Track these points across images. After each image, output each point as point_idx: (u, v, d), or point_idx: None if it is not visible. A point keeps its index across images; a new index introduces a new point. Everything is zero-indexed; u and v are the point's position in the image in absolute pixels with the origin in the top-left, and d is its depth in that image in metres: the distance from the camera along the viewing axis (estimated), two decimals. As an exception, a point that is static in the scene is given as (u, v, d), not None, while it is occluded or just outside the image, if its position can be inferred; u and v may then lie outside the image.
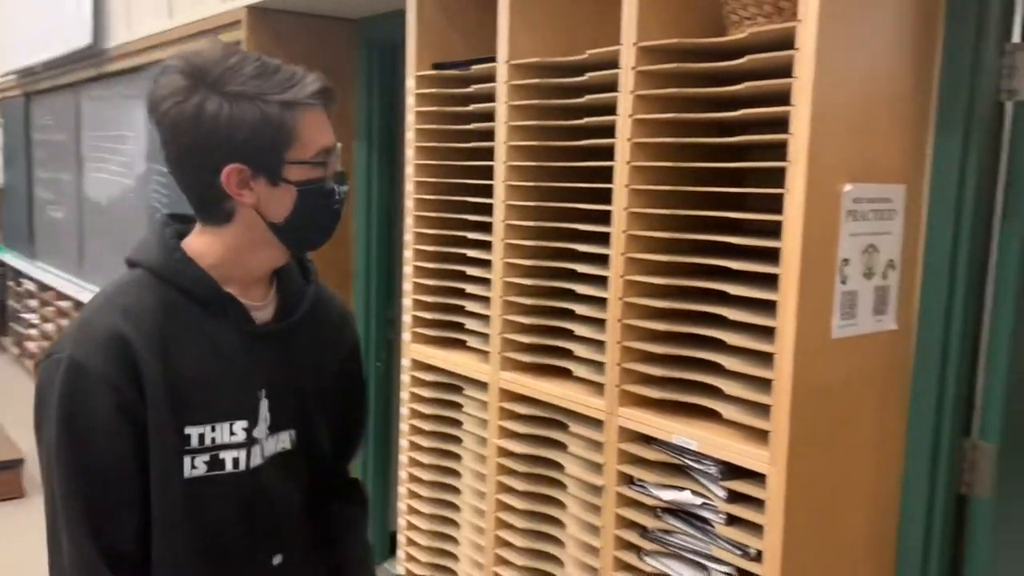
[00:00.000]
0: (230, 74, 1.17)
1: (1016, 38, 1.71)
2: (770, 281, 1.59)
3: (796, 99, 1.48)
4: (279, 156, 1.20)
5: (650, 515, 1.81)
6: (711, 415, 1.70)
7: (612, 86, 1.80)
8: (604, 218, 1.85)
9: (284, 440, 1.38)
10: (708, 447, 1.67)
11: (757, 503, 1.61)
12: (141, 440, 1.21)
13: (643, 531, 1.83)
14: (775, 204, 1.54)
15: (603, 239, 1.86)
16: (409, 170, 2.39)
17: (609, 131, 1.82)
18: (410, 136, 2.38)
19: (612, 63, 1.80)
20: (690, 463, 1.73)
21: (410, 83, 2.36)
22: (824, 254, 1.54)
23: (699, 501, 1.71)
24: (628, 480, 1.85)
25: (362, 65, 3.43)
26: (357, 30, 3.45)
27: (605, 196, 1.84)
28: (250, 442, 1.30)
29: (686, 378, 1.74)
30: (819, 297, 1.55)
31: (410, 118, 2.38)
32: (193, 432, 1.24)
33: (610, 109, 1.81)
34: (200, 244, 1.28)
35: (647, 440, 1.82)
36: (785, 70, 1.50)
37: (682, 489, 1.74)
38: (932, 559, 1.79)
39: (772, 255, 1.59)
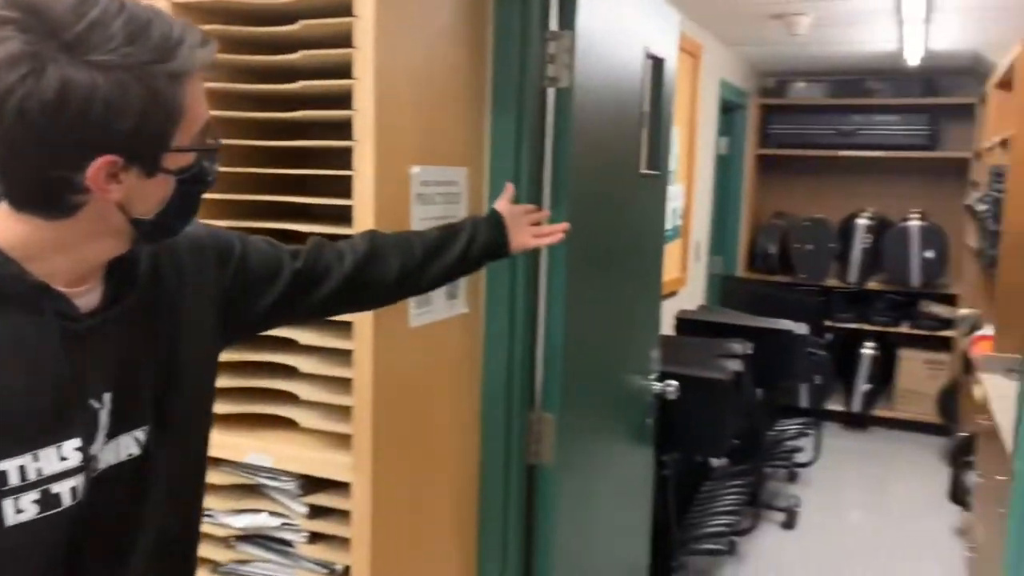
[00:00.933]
0: (96, 33, 0.82)
1: (554, 26, 1.79)
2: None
3: (359, 71, 1.36)
4: (164, 143, 0.90)
5: (222, 546, 1.57)
6: (288, 425, 1.53)
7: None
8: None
9: (129, 444, 0.99)
10: (286, 461, 1.49)
11: (341, 515, 1.48)
12: None
13: (215, 567, 1.59)
14: (340, 187, 1.40)
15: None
16: None
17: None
18: None
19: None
20: (265, 482, 1.53)
21: None
22: (396, 240, 1.45)
23: (278, 522, 1.52)
24: (193, 510, 1.59)
25: None
26: None
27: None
28: (87, 463, 0.94)
29: (255, 386, 1.54)
30: (394, 286, 1.45)
31: None
32: (10, 467, 0.89)
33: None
34: (2, 230, 0.90)
35: (211, 462, 1.58)
36: (345, 39, 1.37)
37: (258, 512, 1.54)
38: (511, 529, 1.83)
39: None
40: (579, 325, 1.91)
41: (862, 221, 5.24)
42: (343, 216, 1.45)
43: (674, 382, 2.45)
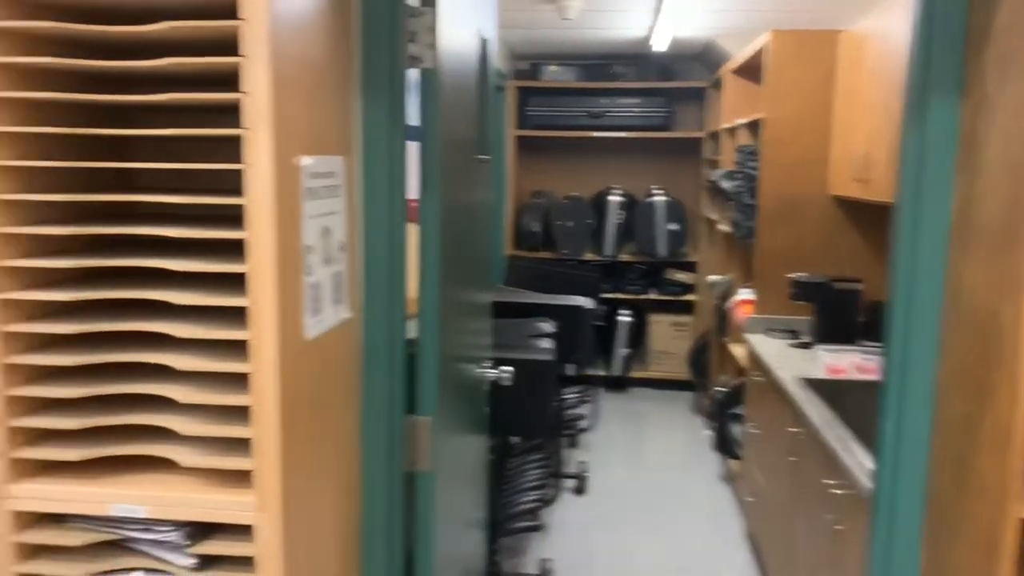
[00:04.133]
0: None
1: (414, 2, 1.67)
2: (216, 281, 1.25)
3: (248, 48, 1.15)
4: None
5: (78, 620, 1.30)
6: (161, 464, 1.29)
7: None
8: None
9: None
10: (164, 509, 1.26)
11: (241, 562, 1.28)
12: None
13: (72, 645, 1.31)
14: (176, 182, 1.20)
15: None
16: None
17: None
18: None
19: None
20: (135, 535, 1.28)
21: None
22: (291, 242, 1.27)
23: (156, 581, 1.28)
24: (34, 582, 1.30)
25: None
26: None
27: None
28: None
29: (118, 424, 1.28)
30: (291, 295, 1.27)
31: None
32: None
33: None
34: None
35: (59, 520, 1.30)
36: (222, 10, 1.16)
37: (128, 572, 1.29)
38: (394, 542, 1.71)
39: (215, 248, 1.25)
40: (448, 319, 1.82)
41: (614, 198, 5.59)
42: (221, 218, 1.24)
43: (509, 368, 2.43)
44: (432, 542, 1.78)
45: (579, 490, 4.05)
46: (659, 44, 4.77)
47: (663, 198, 5.52)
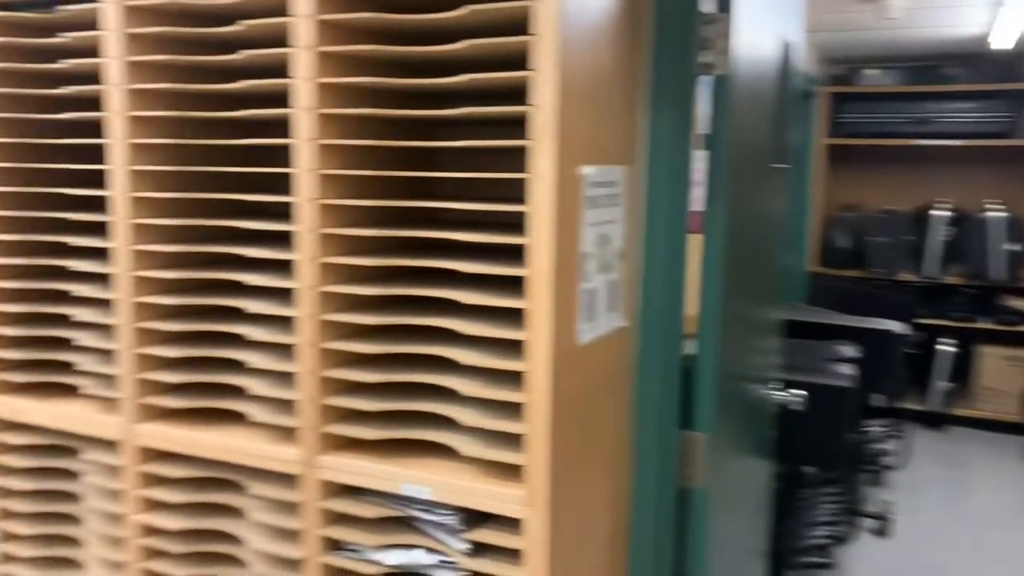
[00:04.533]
0: None
1: (710, 8, 1.63)
2: (497, 284, 1.32)
3: (538, 63, 1.21)
4: None
5: (369, 585, 1.44)
6: (444, 452, 1.39)
7: (280, 39, 1.37)
8: (285, 212, 1.42)
9: None
10: (445, 493, 1.35)
11: (509, 553, 1.34)
12: None
13: (363, 607, 1.46)
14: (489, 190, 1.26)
15: (281, 240, 1.43)
16: (-36, 152, 1.68)
17: (282, 98, 1.38)
18: (-38, 103, 1.66)
19: (279, 9, 1.37)
20: (419, 515, 1.39)
21: (-45, 27, 1.65)
22: (569, 249, 1.30)
23: (434, 560, 1.38)
24: (335, 546, 1.46)
25: None
26: None
27: (276, 184, 1.41)
28: None
29: (409, 409, 1.40)
30: (567, 299, 1.31)
31: (-40, 78, 1.66)
32: None
33: (281, 70, 1.38)
34: None
35: (357, 493, 1.45)
36: (516, 26, 1.22)
37: (412, 548, 1.40)
38: (663, 561, 1.69)
39: (497, 252, 1.32)
40: (730, 335, 1.76)
41: (939, 212, 5.04)
42: (508, 224, 1.31)
43: (801, 392, 2.29)
44: (705, 561, 1.73)
45: (881, 532, 3.70)
46: (1001, 42, 4.23)
47: (1001, 214, 4.88)
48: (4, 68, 1.64)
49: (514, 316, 1.31)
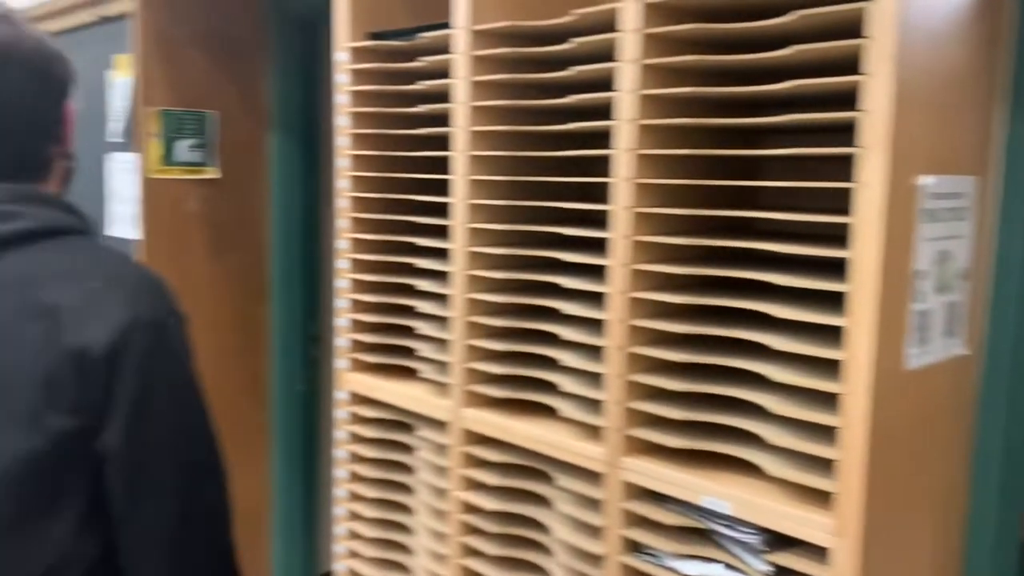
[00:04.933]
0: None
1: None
2: (811, 298, 1.26)
3: (871, 66, 1.14)
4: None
5: (665, 591, 1.45)
6: (746, 468, 1.35)
7: (607, 54, 1.43)
8: (601, 220, 1.48)
9: None
10: (746, 511, 1.32)
11: (812, 582, 1.27)
12: None
13: (657, 612, 1.47)
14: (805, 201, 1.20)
15: (596, 246, 1.50)
16: (342, 163, 1.96)
17: (604, 111, 1.44)
18: (342, 122, 1.95)
19: (607, 26, 1.43)
20: (720, 529, 1.37)
21: (341, 57, 1.94)
22: (899, 265, 1.21)
23: (733, 577, 1.36)
24: (634, 548, 1.49)
25: (275, 41, 2.96)
26: (267, 0, 2.98)
27: (593, 192, 1.47)
28: None
29: (712, 421, 1.38)
30: (894, 320, 1.21)
31: (342, 100, 1.95)
32: None
33: (605, 84, 1.44)
34: None
35: (658, 498, 1.46)
36: (847, 29, 1.16)
37: (711, 561, 1.38)
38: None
39: (813, 265, 1.26)
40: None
41: None
42: (831, 237, 1.24)
43: None
44: (1052, 634, 1.50)
45: None
46: None
47: None
48: (372, 90, 1.90)
49: (832, 334, 1.24)
